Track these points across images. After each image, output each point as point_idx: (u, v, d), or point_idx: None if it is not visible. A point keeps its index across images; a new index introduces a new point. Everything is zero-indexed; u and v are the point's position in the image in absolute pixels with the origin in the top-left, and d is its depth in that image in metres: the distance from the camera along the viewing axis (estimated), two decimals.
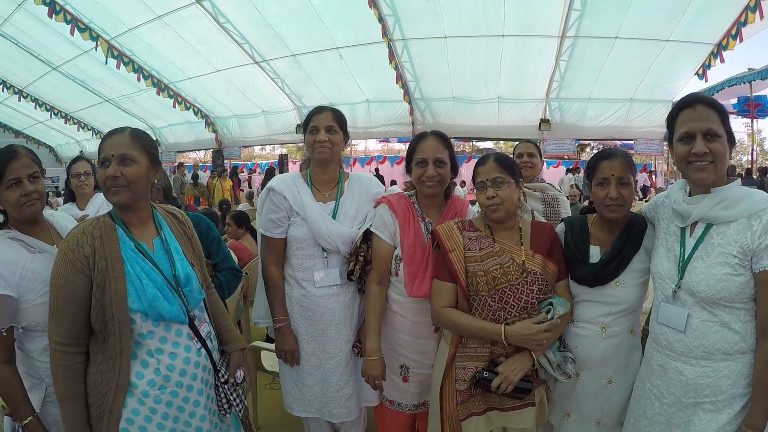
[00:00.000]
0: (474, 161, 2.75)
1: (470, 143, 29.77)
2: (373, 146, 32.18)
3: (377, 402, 2.93)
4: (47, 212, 2.46)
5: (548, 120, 16.33)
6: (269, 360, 3.89)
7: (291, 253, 2.89)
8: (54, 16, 13.96)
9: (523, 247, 2.45)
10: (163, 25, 14.86)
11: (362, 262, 2.75)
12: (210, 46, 15.72)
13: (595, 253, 2.47)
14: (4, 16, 16.18)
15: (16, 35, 17.37)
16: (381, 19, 13.05)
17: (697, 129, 2.03)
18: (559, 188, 4.06)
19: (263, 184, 14.26)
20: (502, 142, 26.82)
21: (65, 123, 24.33)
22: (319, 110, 2.86)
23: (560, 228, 2.65)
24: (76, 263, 1.96)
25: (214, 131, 21.71)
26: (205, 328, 2.24)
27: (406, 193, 2.91)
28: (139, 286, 2.00)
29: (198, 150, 24.26)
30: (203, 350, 2.18)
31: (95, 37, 15.33)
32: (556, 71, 14.78)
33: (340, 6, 13.06)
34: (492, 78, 15.23)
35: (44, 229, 2.38)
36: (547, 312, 2.35)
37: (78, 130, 24.83)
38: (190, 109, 20.13)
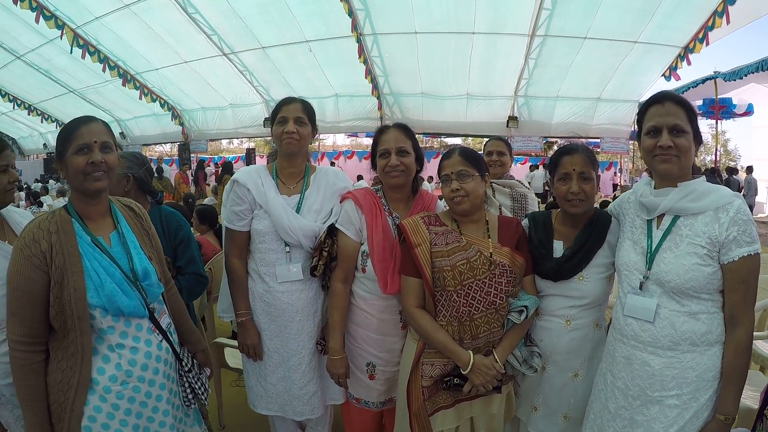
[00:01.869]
0: None
1: (438, 139, 29.83)
2: (342, 141, 32.02)
3: (343, 400, 2.90)
4: None
5: (516, 117, 16.49)
6: (233, 357, 3.83)
7: (254, 246, 2.84)
8: (19, 3, 13.51)
9: (490, 240, 2.44)
10: (130, 15, 14.61)
11: (326, 257, 2.70)
12: (178, 37, 15.52)
13: (558, 248, 2.48)
14: None
15: None
16: (351, 13, 13.02)
17: (663, 123, 2.07)
18: (528, 185, 4.07)
19: (219, 178, 14.20)
20: (470, 138, 26.96)
21: (28, 114, 23.84)
22: (288, 101, 2.81)
23: (524, 223, 2.65)
24: (32, 259, 1.91)
25: (181, 124, 21.41)
26: (165, 320, 2.21)
27: (372, 187, 2.88)
28: (98, 281, 1.96)
29: (164, 143, 23.91)
30: (164, 343, 2.15)
31: (61, 26, 14.94)
32: (525, 69, 14.93)
33: None
34: (461, 74, 15.32)
35: None
36: (519, 312, 2.35)
37: (42, 121, 24.30)
38: (157, 101, 19.81)
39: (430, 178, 13.71)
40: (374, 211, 2.68)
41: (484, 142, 4.20)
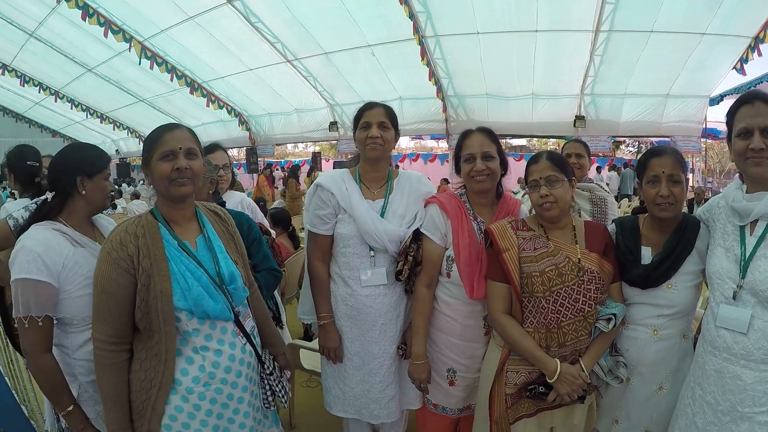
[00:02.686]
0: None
1: (503, 140, 29.36)
2: (405, 144, 31.93)
3: (419, 405, 2.88)
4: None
5: (583, 116, 16.08)
6: (308, 358, 3.87)
7: (337, 250, 2.84)
8: (87, 18, 14.39)
9: (578, 246, 2.39)
10: (195, 26, 15.11)
11: (411, 262, 2.67)
12: (242, 46, 15.89)
13: (646, 255, 2.39)
14: (39, 20, 16.69)
15: (51, 39, 18.06)
16: (412, 16, 12.95)
17: (755, 125, 1.98)
18: (606, 187, 3.96)
19: (285, 181, 14.39)
20: (535, 139, 26.55)
21: (101, 122, 25.02)
22: (370, 106, 2.79)
23: (611, 229, 2.58)
24: (120, 262, 1.95)
25: (248, 129, 21.90)
26: (249, 324, 2.24)
27: (456, 191, 2.84)
28: (184, 284, 2.00)
29: (231, 148, 24.49)
30: (248, 346, 2.18)
31: (128, 39, 15.80)
32: (590, 66, 14.53)
33: (371, 3, 13.02)
34: (526, 74, 15.06)
35: (90, 227, 2.36)
36: (608, 321, 2.28)
37: (113, 129, 25.47)
38: (224, 108, 20.36)
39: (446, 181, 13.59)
40: (460, 216, 2.65)
41: (562, 145, 4.11)
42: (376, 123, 2.71)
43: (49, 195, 2.23)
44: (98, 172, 2.27)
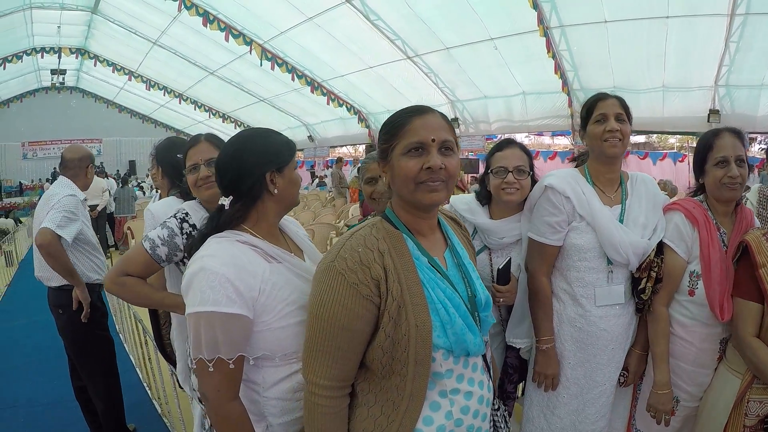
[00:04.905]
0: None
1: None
2: (520, 140, 31.10)
3: None
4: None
5: (718, 110, 14.91)
6: None
7: (568, 264, 2.52)
8: (208, 25, 15.21)
9: None
10: (314, 26, 15.40)
11: (653, 278, 2.40)
12: (362, 44, 15.97)
13: None
14: (162, 29, 17.87)
15: (173, 45, 19.52)
16: (536, 6, 12.43)
17: None
18: None
19: None
20: (654, 136, 25.00)
21: (222, 122, 26.27)
22: (603, 96, 2.49)
23: None
24: (360, 288, 1.52)
25: (367, 126, 22.03)
26: (488, 354, 1.84)
27: (696, 198, 2.55)
28: (446, 316, 1.57)
29: (351, 144, 24.94)
30: (490, 382, 1.77)
31: (249, 42, 16.71)
32: (725, 54, 13.39)
33: None
34: (656, 64, 14.06)
35: (279, 234, 1.97)
36: None
37: (235, 128, 26.62)
38: (343, 106, 20.60)
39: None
40: (708, 227, 2.36)
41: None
42: (613, 114, 2.40)
43: (225, 201, 1.83)
44: (287, 162, 1.86)
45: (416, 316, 1.54)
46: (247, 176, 1.79)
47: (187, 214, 2.38)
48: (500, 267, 2.51)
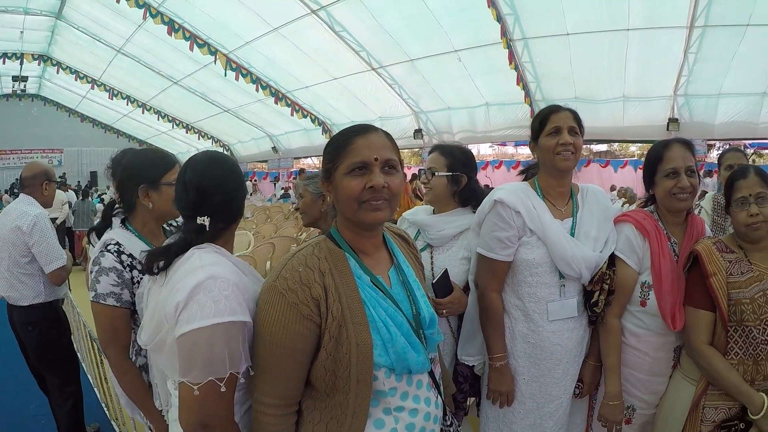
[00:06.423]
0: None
1: (587, 146, 28.33)
2: (485, 150, 31.09)
3: None
4: None
5: (677, 119, 15.28)
6: None
7: (520, 279, 2.45)
8: (173, 33, 15.16)
9: None
10: (279, 37, 15.40)
11: (606, 290, 2.39)
12: (326, 55, 15.99)
13: None
14: (126, 37, 17.65)
15: (138, 54, 19.28)
16: (500, 19, 12.59)
17: None
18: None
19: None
20: (616, 144, 25.46)
21: (186, 132, 25.91)
22: (556, 109, 2.44)
23: None
24: (300, 307, 1.51)
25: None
26: (437, 371, 1.80)
27: (646, 209, 2.57)
28: (387, 335, 1.56)
29: (316, 155, 24.92)
30: (439, 398, 1.74)
31: (213, 52, 16.59)
32: (684, 65, 13.72)
33: (458, 8, 12.75)
34: (617, 76, 14.40)
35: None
36: None
37: (198, 138, 26.23)
38: (307, 117, 20.53)
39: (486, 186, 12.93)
40: (659, 237, 2.37)
41: (719, 154, 3.79)
42: (566, 128, 2.36)
43: (205, 220, 1.75)
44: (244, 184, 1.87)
45: (357, 335, 1.53)
46: (229, 200, 1.78)
47: (118, 244, 2.25)
48: (434, 281, 2.42)
